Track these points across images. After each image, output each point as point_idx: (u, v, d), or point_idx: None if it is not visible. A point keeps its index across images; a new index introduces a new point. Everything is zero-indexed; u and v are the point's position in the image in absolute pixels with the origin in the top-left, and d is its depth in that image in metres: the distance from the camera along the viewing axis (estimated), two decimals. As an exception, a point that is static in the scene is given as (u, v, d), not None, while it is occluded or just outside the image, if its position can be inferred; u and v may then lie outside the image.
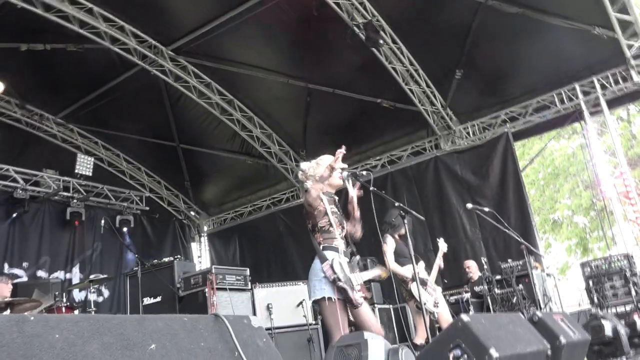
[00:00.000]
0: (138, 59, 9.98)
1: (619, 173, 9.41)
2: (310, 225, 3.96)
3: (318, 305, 3.79)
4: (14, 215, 10.05)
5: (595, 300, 8.02)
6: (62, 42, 9.34)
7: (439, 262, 6.29)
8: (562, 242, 19.61)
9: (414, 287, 5.55)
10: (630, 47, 8.85)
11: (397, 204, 4.38)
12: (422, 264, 6.05)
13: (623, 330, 5.55)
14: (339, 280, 3.63)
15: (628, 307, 7.76)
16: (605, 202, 9.90)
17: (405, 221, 4.43)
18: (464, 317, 2.84)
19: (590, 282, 8.18)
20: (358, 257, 4.03)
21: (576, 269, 11.94)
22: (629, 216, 9.40)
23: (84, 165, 11.05)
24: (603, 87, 9.32)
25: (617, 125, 16.52)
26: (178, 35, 9.92)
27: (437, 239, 6.61)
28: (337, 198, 4.14)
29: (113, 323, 1.37)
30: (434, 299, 5.77)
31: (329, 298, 3.67)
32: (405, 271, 5.76)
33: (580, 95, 9.48)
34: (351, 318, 3.79)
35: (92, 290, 7.76)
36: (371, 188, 4.18)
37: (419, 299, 5.14)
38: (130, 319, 1.44)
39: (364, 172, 4.26)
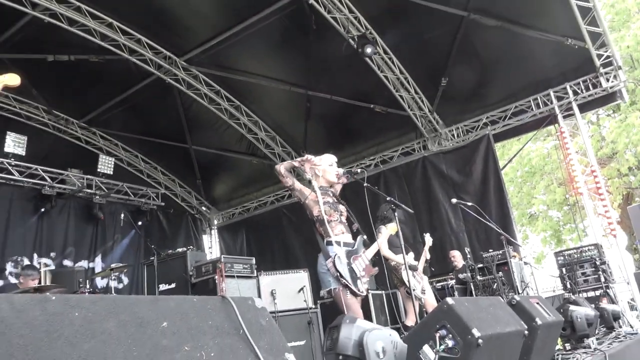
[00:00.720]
0: (154, 69, 9.95)
1: (589, 171, 9.41)
2: (309, 215, 3.95)
3: (329, 295, 3.79)
4: (42, 210, 10.03)
5: (568, 286, 8.02)
6: (85, 53, 9.30)
7: (425, 254, 6.31)
8: (538, 233, 19.63)
9: (404, 274, 5.56)
10: (599, 56, 8.85)
11: (388, 198, 4.39)
12: (411, 254, 6.08)
13: (593, 314, 5.54)
14: (342, 277, 3.62)
15: (597, 292, 7.77)
16: (577, 197, 9.89)
17: (396, 214, 4.43)
18: (449, 300, 2.84)
19: (564, 270, 8.18)
20: (364, 236, 4.04)
21: (551, 258, 11.94)
22: (599, 210, 9.39)
23: (106, 164, 11.06)
24: (575, 93, 9.31)
25: (588, 127, 16.53)
26: (190, 47, 9.89)
27: (424, 234, 6.63)
28: (333, 191, 4.10)
29: (128, 303, 1.36)
30: (421, 286, 5.80)
31: (335, 289, 3.67)
32: (398, 258, 5.78)
33: (555, 101, 9.48)
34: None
35: (113, 277, 7.76)
36: (365, 184, 4.19)
37: (408, 285, 5.15)
38: (145, 299, 1.43)
39: (359, 170, 4.25)
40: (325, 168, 4.09)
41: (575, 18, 8.20)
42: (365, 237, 4.06)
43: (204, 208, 13.87)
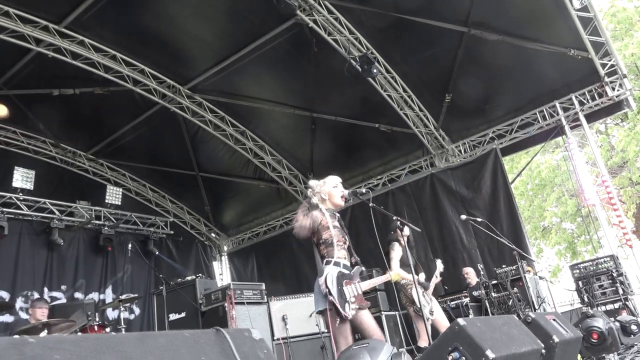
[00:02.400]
0: (158, 98, 10.01)
1: (600, 181, 9.26)
2: (315, 239, 3.89)
3: (321, 316, 3.75)
4: (52, 243, 10.01)
5: (586, 299, 7.84)
6: (89, 86, 9.39)
7: (435, 279, 6.20)
8: (552, 247, 19.33)
9: (414, 292, 5.46)
10: (604, 65, 8.78)
11: (395, 217, 4.31)
12: (422, 275, 5.98)
13: (614, 327, 5.37)
14: (330, 294, 3.56)
15: (616, 305, 7.57)
16: (590, 208, 9.73)
17: (404, 233, 4.35)
18: (460, 321, 2.74)
19: (580, 283, 8.00)
20: (362, 268, 3.98)
21: (567, 271, 11.71)
22: (612, 220, 9.24)
23: (114, 195, 11.07)
24: (581, 103, 9.22)
25: (596, 137, 16.38)
26: (193, 75, 9.95)
27: (436, 259, 6.55)
28: (338, 215, 4.06)
29: (114, 342, 1.28)
30: (430, 306, 5.69)
31: (325, 310, 3.62)
32: (409, 276, 5.67)
33: (561, 112, 9.38)
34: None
35: (124, 309, 7.68)
36: (370, 204, 4.13)
37: (418, 304, 5.03)
38: (131, 336, 1.35)
39: (364, 190, 4.18)
40: (330, 191, 4.03)
41: (577, 28, 8.16)
42: (363, 268, 4.01)
43: (213, 234, 13.81)
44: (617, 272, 7.71)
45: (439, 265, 6.34)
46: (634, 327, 5.84)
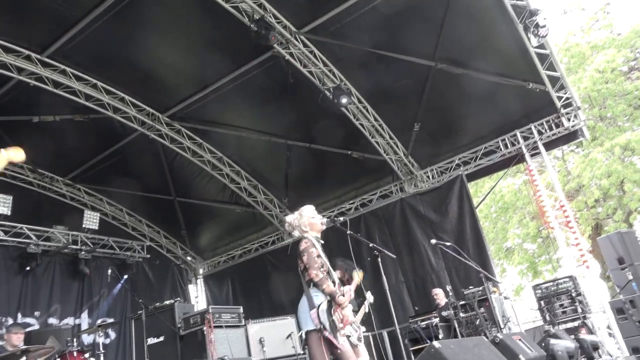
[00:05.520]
0: (138, 125, 10.02)
1: (559, 205, 9.61)
2: (302, 266, 3.88)
3: (306, 336, 3.77)
4: (27, 268, 9.82)
5: (547, 318, 8.07)
6: (70, 113, 9.36)
7: (364, 308, 6.09)
8: (515, 266, 19.73)
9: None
10: (560, 98, 9.22)
11: (371, 245, 4.42)
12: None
13: (573, 346, 5.59)
14: (325, 329, 3.60)
15: (576, 323, 7.82)
16: (549, 230, 10.05)
17: (379, 260, 4.44)
18: (436, 344, 2.88)
19: (542, 302, 8.23)
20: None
21: (529, 290, 12.00)
22: (570, 242, 9.55)
23: (91, 220, 10.90)
24: (540, 132, 9.61)
25: (554, 163, 16.95)
26: (172, 103, 10.02)
27: (366, 291, 6.18)
28: (322, 242, 4.13)
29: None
30: (357, 334, 5.51)
31: (310, 331, 3.68)
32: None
33: (521, 141, 9.75)
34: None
35: (101, 334, 7.54)
36: (347, 232, 4.21)
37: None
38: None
39: (341, 218, 4.28)
40: (310, 222, 4.09)
41: (535, 64, 8.59)
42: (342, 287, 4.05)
43: (189, 258, 13.70)
44: (576, 292, 7.97)
45: (369, 297, 6.22)
46: (592, 345, 6.08)
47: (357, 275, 4.42)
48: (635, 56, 15.74)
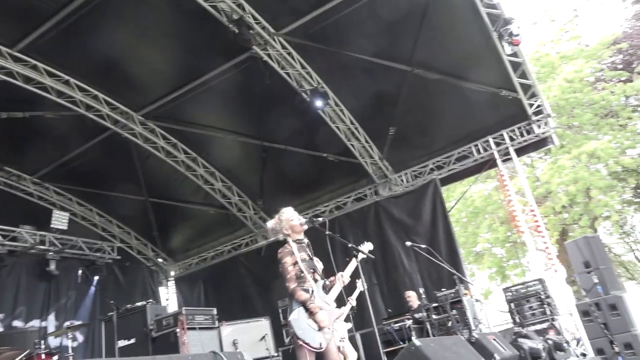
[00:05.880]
0: (110, 124, 9.84)
1: (528, 210, 9.81)
2: (283, 273, 3.93)
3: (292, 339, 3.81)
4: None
5: (517, 320, 8.23)
6: (40, 109, 9.13)
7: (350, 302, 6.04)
8: (484, 270, 20.07)
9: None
10: (531, 105, 9.43)
11: (350, 245, 4.45)
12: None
13: (542, 346, 5.73)
14: (298, 338, 3.66)
15: (544, 325, 7.99)
16: (519, 235, 10.25)
17: (357, 260, 4.47)
18: (416, 342, 2.91)
19: (512, 305, 8.39)
20: (325, 281, 4.07)
21: (497, 293, 12.23)
22: (539, 246, 9.76)
23: (60, 220, 10.63)
24: (511, 139, 9.81)
25: (524, 169, 17.31)
26: (147, 102, 9.88)
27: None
28: (307, 242, 4.13)
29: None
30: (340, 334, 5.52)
31: (296, 336, 3.71)
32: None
33: (493, 146, 9.94)
34: None
35: (69, 336, 7.35)
36: (327, 232, 4.22)
37: None
38: None
39: (320, 219, 4.29)
40: (290, 225, 4.11)
41: (508, 71, 8.78)
42: (327, 282, 4.08)
43: (160, 260, 13.50)
44: (544, 295, 8.16)
45: (360, 286, 6.07)
46: (559, 345, 6.24)
47: (355, 260, 4.41)
48: (602, 67, 16.23)
